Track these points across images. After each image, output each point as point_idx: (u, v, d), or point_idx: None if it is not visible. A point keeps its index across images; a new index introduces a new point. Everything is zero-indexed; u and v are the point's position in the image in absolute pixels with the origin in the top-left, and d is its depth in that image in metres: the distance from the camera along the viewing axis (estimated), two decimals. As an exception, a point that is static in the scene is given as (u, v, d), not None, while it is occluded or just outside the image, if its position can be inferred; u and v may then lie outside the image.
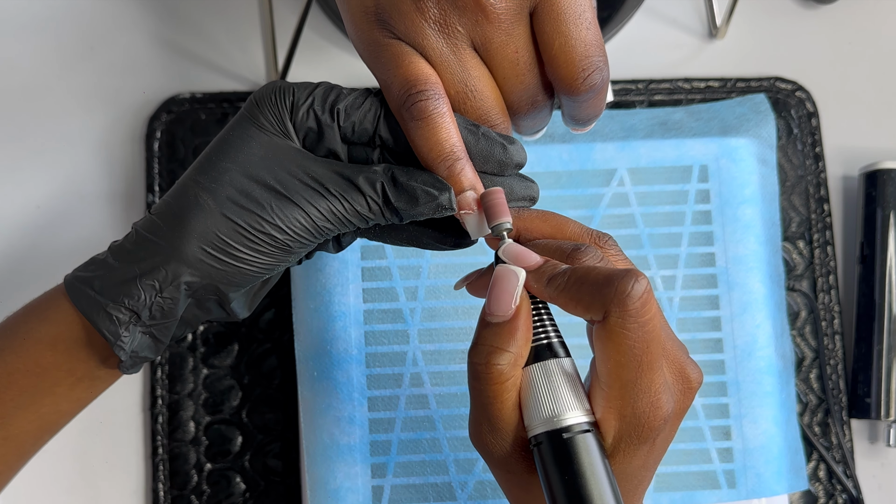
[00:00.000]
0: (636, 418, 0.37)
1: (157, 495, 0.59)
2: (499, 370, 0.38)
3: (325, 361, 0.55)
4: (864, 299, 0.62)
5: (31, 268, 0.60)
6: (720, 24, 0.64)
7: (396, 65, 0.39)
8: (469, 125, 0.40)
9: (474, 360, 0.39)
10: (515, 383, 0.38)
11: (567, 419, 0.38)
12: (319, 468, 0.54)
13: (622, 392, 0.37)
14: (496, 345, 0.38)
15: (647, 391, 0.37)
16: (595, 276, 0.37)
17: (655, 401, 0.37)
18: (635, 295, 0.36)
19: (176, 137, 0.63)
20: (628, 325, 0.36)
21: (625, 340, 0.36)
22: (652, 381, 0.37)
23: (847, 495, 0.60)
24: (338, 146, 0.41)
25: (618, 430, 0.38)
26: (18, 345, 0.43)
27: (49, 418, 0.44)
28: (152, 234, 0.41)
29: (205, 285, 0.41)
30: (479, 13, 0.39)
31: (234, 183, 0.40)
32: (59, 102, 0.64)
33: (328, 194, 0.40)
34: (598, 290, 0.36)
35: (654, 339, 0.36)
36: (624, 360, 0.36)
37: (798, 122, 0.65)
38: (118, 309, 0.40)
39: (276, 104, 0.41)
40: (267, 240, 0.40)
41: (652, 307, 0.36)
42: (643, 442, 0.38)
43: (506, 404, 0.38)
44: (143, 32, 0.65)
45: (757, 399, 0.56)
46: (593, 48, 0.40)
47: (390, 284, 0.56)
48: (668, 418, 0.38)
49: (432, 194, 0.39)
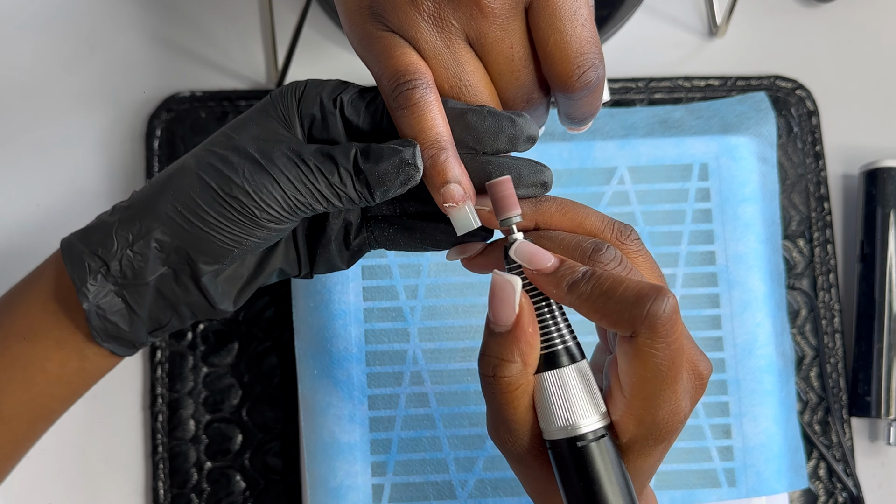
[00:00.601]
0: (656, 424, 0.37)
1: (157, 494, 0.59)
2: (507, 381, 0.38)
3: (326, 360, 0.55)
4: (864, 298, 0.62)
5: (31, 268, 0.60)
6: (720, 23, 0.64)
7: (388, 56, 0.39)
8: (472, 107, 0.39)
9: (482, 371, 0.39)
10: (527, 389, 0.38)
11: (582, 427, 0.37)
12: (320, 466, 0.54)
13: (644, 403, 0.37)
14: (501, 356, 0.38)
15: (670, 401, 0.37)
16: (623, 291, 0.36)
17: (676, 408, 0.37)
18: (666, 317, 0.35)
19: (176, 136, 0.63)
20: (657, 345, 0.36)
21: (652, 359, 0.36)
22: (675, 391, 0.37)
23: (847, 494, 0.60)
24: (340, 136, 0.41)
25: (635, 434, 0.38)
26: (15, 305, 0.44)
27: (41, 401, 0.44)
28: (142, 192, 0.42)
29: (176, 248, 0.41)
30: (473, 7, 0.39)
31: (217, 150, 0.40)
32: (59, 102, 0.64)
33: (302, 164, 0.39)
34: (627, 307, 0.36)
35: (679, 355, 0.36)
36: (650, 375, 0.36)
37: (798, 120, 0.65)
38: (92, 257, 0.41)
39: (286, 95, 0.41)
40: (235, 205, 0.40)
41: (679, 326, 0.36)
42: (661, 442, 0.38)
43: (519, 409, 0.38)
44: (142, 32, 0.65)
45: (757, 397, 0.56)
46: (589, 45, 0.39)
47: (390, 282, 0.56)
48: (686, 417, 0.38)
49: (396, 149, 0.39)
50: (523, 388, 0.38)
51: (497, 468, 0.55)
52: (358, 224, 0.44)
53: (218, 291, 0.42)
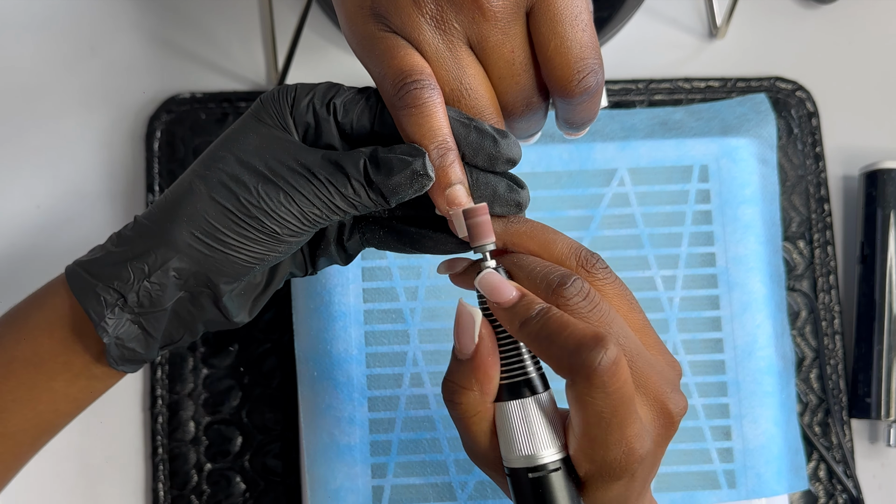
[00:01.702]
0: (608, 465, 0.37)
1: (157, 495, 0.59)
2: (464, 407, 0.39)
3: (326, 361, 0.55)
4: (864, 299, 0.62)
5: (31, 268, 0.60)
6: (720, 24, 0.64)
7: (391, 56, 0.39)
8: (462, 117, 0.40)
9: (444, 395, 0.40)
10: (485, 416, 0.39)
11: (541, 458, 0.38)
12: (319, 468, 0.54)
13: (592, 445, 0.37)
14: (460, 383, 0.39)
15: (618, 444, 0.36)
16: (566, 338, 0.36)
17: (628, 450, 0.37)
18: (602, 369, 0.35)
19: (176, 137, 0.63)
20: (594, 394, 0.35)
21: (591, 406, 0.36)
22: (622, 435, 0.36)
23: (847, 495, 0.60)
24: (335, 141, 0.41)
25: (589, 470, 0.38)
26: (17, 331, 0.43)
27: (46, 417, 0.44)
28: (148, 220, 0.41)
29: (195, 273, 0.40)
30: (476, 11, 0.39)
31: (226, 169, 0.40)
32: (59, 102, 0.64)
33: (314, 179, 0.39)
34: (567, 355, 0.36)
35: (623, 403, 0.36)
36: (593, 420, 0.36)
37: (798, 121, 0.65)
38: (106, 290, 0.40)
39: (278, 100, 0.41)
40: (254, 224, 0.40)
41: (620, 377, 0.35)
42: (617, 479, 0.37)
43: (478, 434, 0.40)
44: (143, 32, 0.65)
45: (757, 399, 0.56)
46: (588, 50, 0.40)
47: (390, 284, 0.56)
48: (645, 458, 0.37)
49: (406, 161, 0.39)
50: (481, 415, 0.39)
51: (497, 470, 0.55)
52: (350, 226, 0.44)
53: (234, 306, 0.43)
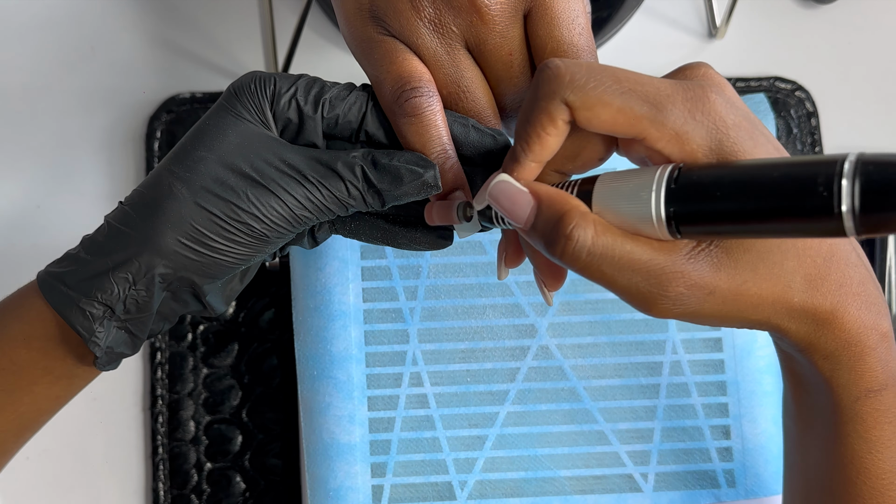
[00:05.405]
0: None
1: (157, 495, 0.59)
2: (581, 244, 0.34)
3: (325, 360, 0.55)
4: (863, 299, 0.62)
5: (31, 268, 0.61)
6: (720, 24, 0.64)
7: (390, 61, 0.39)
8: (458, 118, 0.40)
9: (576, 266, 0.35)
10: (607, 237, 0.34)
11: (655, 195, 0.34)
12: (319, 467, 0.55)
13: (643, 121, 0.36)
14: (556, 234, 0.35)
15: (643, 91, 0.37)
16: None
17: (648, 83, 0.37)
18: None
19: (176, 137, 0.63)
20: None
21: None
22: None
23: (846, 495, 0.60)
24: (318, 139, 0.40)
25: (694, 138, 0.35)
26: None
27: (29, 416, 0.43)
28: (125, 225, 0.39)
29: (180, 277, 0.39)
30: (474, 14, 0.39)
31: (208, 172, 0.39)
32: (59, 102, 0.64)
33: (305, 181, 0.39)
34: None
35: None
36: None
37: (797, 121, 0.65)
38: (91, 304, 0.39)
39: (255, 93, 0.40)
40: (244, 229, 0.39)
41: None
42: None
43: (625, 244, 0.34)
44: (142, 32, 0.65)
45: (756, 398, 0.56)
46: (585, 54, 0.40)
47: (390, 284, 0.56)
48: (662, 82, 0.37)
49: (417, 172, 0.39)
50: (605, 239, 0.34)
51: (496, 469, 0.55)
52: None
53: (216, 299, 0.42)
